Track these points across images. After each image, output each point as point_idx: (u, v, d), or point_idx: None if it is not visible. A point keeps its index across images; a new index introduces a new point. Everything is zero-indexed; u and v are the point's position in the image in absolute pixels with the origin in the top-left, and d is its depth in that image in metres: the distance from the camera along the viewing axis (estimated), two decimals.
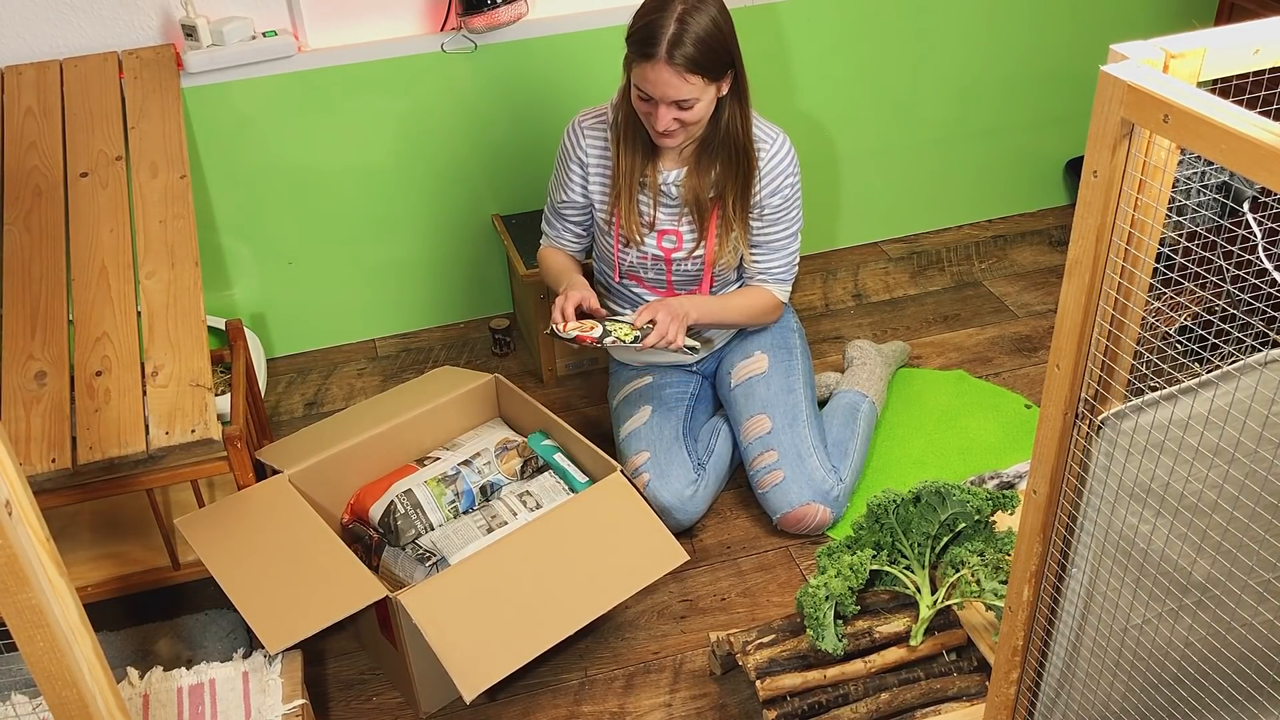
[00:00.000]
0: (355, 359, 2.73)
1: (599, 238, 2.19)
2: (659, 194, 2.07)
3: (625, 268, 2.16)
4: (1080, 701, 1.25)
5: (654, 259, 2.12)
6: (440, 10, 2.43)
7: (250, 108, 2.40)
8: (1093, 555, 1.13)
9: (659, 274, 2.15)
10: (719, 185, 2.04)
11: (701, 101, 1.90)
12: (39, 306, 1.82)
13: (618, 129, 2.03)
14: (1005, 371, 2.56)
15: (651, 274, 2.15)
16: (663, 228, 2.09)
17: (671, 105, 1.89)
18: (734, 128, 1.98)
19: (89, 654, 1.10)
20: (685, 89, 1.86)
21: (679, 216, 2.09)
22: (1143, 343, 1.06)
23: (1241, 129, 0.82)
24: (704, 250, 2.09)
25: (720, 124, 1.98)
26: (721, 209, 2.05)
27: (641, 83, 1.89)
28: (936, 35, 2.79)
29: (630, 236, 2.09)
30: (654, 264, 2.13)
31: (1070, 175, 3.13)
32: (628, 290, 2.20)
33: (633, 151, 2.03)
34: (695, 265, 2.12)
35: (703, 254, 2.10)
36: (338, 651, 1.96)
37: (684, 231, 2.09)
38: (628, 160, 2.03)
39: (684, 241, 2.10)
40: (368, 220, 2.62)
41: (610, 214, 2.11)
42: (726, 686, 1.85)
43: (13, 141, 2.06)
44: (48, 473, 1.63)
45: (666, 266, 2.13)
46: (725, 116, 1.97)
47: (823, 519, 2.09)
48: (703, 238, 2.08)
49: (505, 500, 1.93)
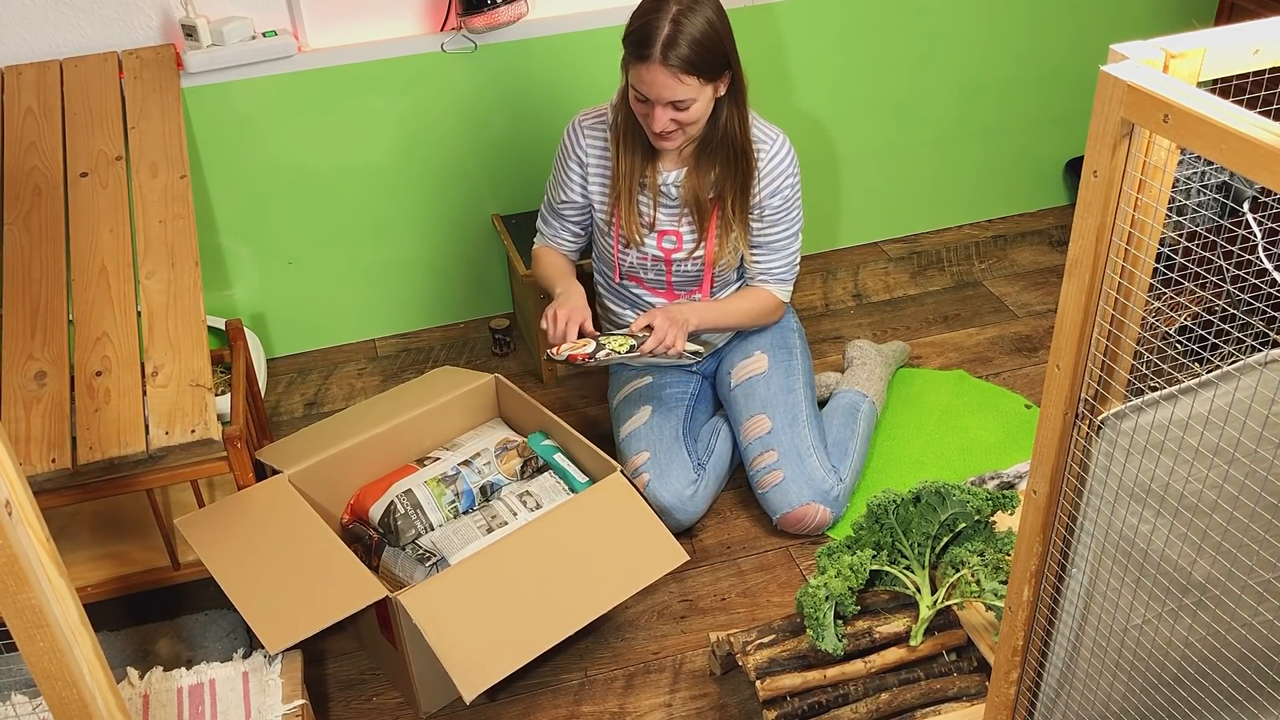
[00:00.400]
0: (355, 359, 2.73)
1: (598, 239, 2.19)
2: (659, 195, 2.07)
3: (625, 268, 2.16)
4: (1080, 701, 1.25)
5: (654, 260, 2.12)
6: (440, 10, 2.44)
7: (250, 108, 2.40)
8: (1093, 555, 1.13)
9: (659, 274, 2.15)
10: (718, 185, 2.04)
11: (698, 102, 1.90)
12: (39, 306, 1.82)
13: (617, 129, 2.03)
14: (1005, 371, 2.56)
15: (651, 275, 2.15)
16: (663, 228, 2.09)
17: (668, 106, 1.89)
18: (732, 128, 1.98)
19: (89, 654, 1.10)
20: (681, 90, 1.86)
21: (679, 217, 2.08)
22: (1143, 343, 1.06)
23: (1241, 129, 0.82)
24: (704, 251, 2.09)
25: (719, 125, 1.98)
26: (721, 209, 2.05)
27: (638, 84, 1.89)
28: (936, 35, 2.79)
29: (630, 237, 2.09)
30: (654, 265, 2.13)
31: (1070, 175, 3.13)
32: (627, 291, 2.20)
33: (632, 152, 2.03)
34: (695, 266, 2.12)
35: (703, 254, 2.10)
36: (338, 651, 1.96)
37: (684, 232, 2.09)
38: (627, 161, 2.04)
39: (684, 242, 2.10)
40: (368, 220, 2.62)
41: (610, 215, 2.11)
42: (726, 686, 1.85)
43: (13, 141, 2.06)
44: (48, 473, 1.63)
45: (666, 267, 2.13)
46: (723, 117, 1.97)
47: (823, 519, 2.09)
48: (703, 238, 2.08)
49: (505, 500, 1.93)
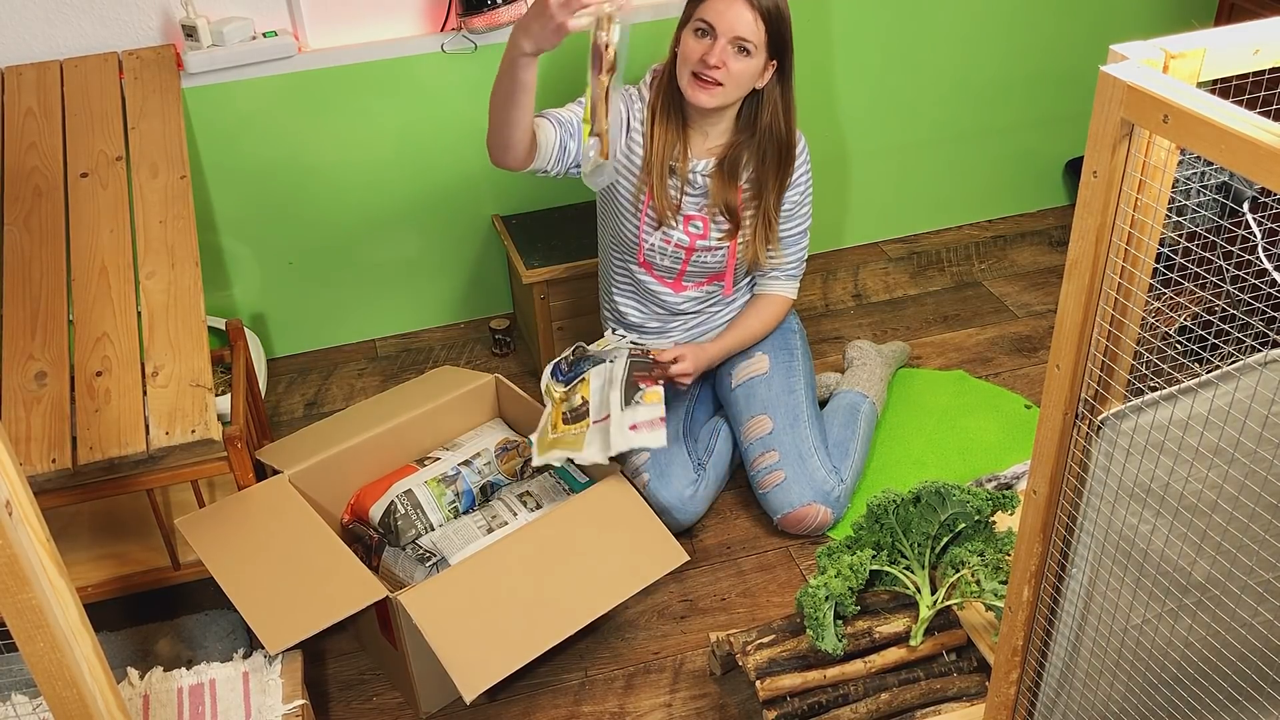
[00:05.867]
0: (355, 359, 2.73)
1: (620, 222, 2.17)
2: (686, 182, 2.08)
3: (645, 252, 2.16)
4: (1080, 701, 1.25)
5: (676, 245, 2.12)
6: (440, 10, 2.43)
7: (250, 108, 2.40)
8: (1093, 555, 1.13)
9: (675, 262, 2.14)
10: (758, 183, 2.07)
11: (754, 59, 1.92)
12: (39, 306, 1.82)
13: (653, 108, 2.05)
14: (1005, 371, 2.56)
15: (668, 261, 2.15)
16: (688, 214, 2.10)
17: (730, 43, 1.90)
18: (777, 121, 2.02)
19: (89, 654, 1.10)
20: (751, 29, 1.89)
21: (703, 206, 2.10)
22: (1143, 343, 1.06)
23: (1241, 129, 0.82)
24: (728, 247, 2.12)
25: (761, 122, 2.02)
26: (760, 205, 2.08)
27: (708, 12, 1.91)
28: (937, 35, 2.79)
29: (662, 215, 2.09)
30: (674, 251, 2.13)
31: (1070, 175, 3.13)
32: (635, 278, 2.20)
33: (666, 128, 2.04)
34: (715, 259, 2.13)
35: (726, 250, 2.12)
36: (338, 651, 1.96)
37: (711, 220, 2.11)
38: (660, 136, 2.04)
39: (709, 231, 2.11)
40: (368, 220, 2.62)
41: (638, 193, 2.10)
42: (726, 687, 1.85)
43: (13, 141, 2.06)
44: (48, 473, 1.63)
45: (685, 255, 2.13)
46: (768, 113, 2.01)
47: (824, 519, 2.09)
48: (732, 237, 2.11)
49: (505, 500, 1.93)
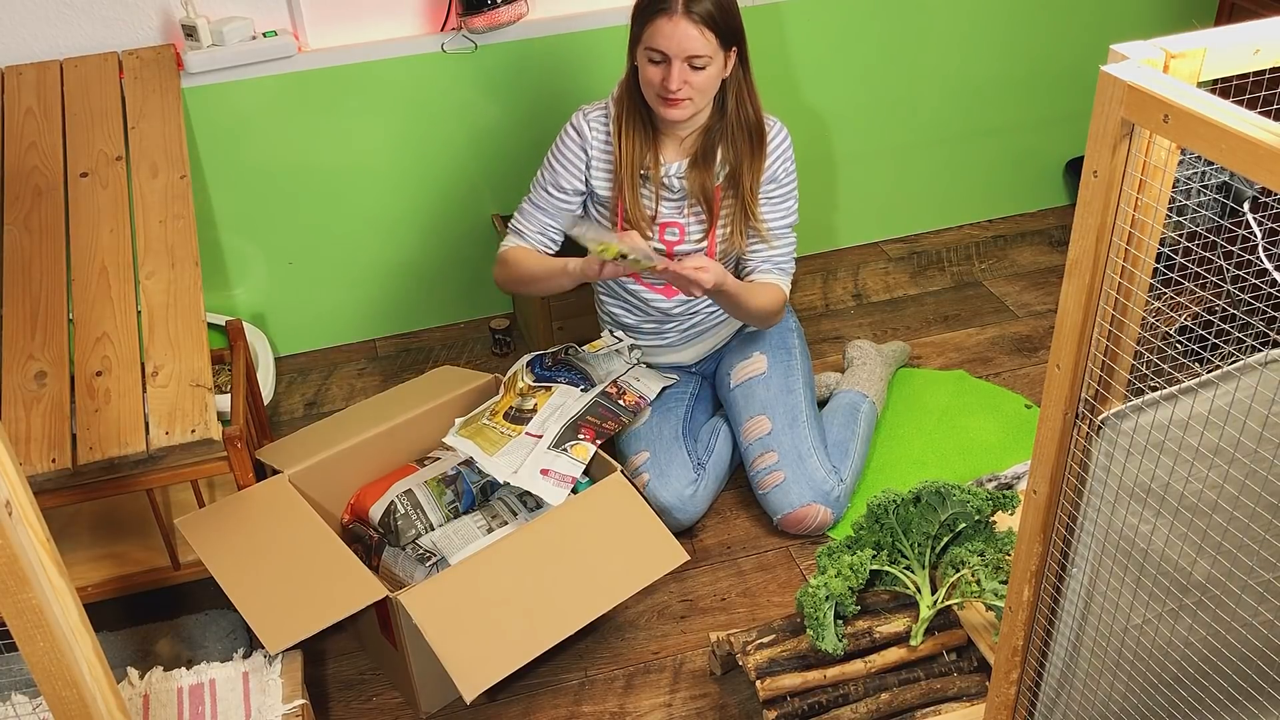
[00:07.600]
0: (355, 359, 2.73)
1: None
2: (661, 187, 2.07)
3: None
4: (1080, 702, 1.25)
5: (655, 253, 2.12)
6: (440, 10, 2.43)
7: (250, 108, 2.40)
8: (1093, 555, 1.13)
9: None
10: (731, 168, 2.05)
11: (712, 66, 1.92)
12: (39, 306, 1.82)
13: (619, 121, 2.04)
14: (1005, 371, 2.56)
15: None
16: (665, 220, 2.09)
17: (685, 63, 1.90)
18: (744, 105, 2.01)
19: (89, 654, 1.10)
20: (701, 44, 1.88)
21: (683, 209, 2.09)
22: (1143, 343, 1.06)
23: (1241, 129, 0.82)
24: (708, 242, 2.10)
25: (727, 111, 2.01)
26: (737, 191, 2.06)
27: (655, 41, 1.90)
28: (937, 35, 2.79)
29: (635, 225, 2.08)
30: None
31: (1070, 175, 3.13)
32: (624, 288, 2.20)
33: (634, 138, 2.04)
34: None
35: (705, 248, 2.10)
36: (338, 651, 1.95)
37: (688, 224, 2.09)
38: (629, 146, 2.04)
39: (688, 234, 2.10)
40: (368, 220, 2.62)
41: (613, 205, 2.10)
42: (726, 686, 1.85)
43: (13, 141, 2.06)
44: (48, 473, 1.63)
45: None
46: (731, 99, 2.00)
47: (823, 519, 2.09)
48: (711, 228, 2.09)
49: (505, 500, 1.93)
